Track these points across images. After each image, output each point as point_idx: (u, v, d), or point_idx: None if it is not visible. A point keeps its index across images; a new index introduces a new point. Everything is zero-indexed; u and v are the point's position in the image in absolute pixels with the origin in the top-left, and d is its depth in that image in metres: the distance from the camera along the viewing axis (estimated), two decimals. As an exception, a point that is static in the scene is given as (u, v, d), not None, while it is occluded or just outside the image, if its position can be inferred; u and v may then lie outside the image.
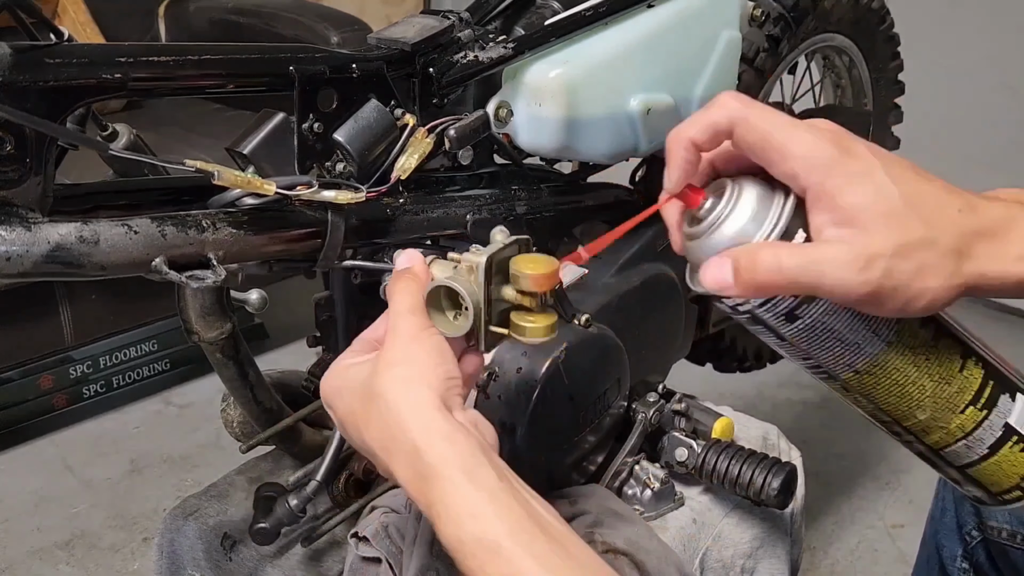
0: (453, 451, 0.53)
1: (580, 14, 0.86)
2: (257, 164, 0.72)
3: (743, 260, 0.52)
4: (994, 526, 0.93)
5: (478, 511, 0.52)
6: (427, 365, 0.56)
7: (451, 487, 0.52)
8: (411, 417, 0.54)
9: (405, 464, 0.55)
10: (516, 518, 0.52)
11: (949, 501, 0.98)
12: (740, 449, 0.92)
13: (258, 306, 0.76)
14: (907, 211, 0.51)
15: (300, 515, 0.80)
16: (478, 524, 0.51)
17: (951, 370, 0.57)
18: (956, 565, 0.98)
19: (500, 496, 0.52)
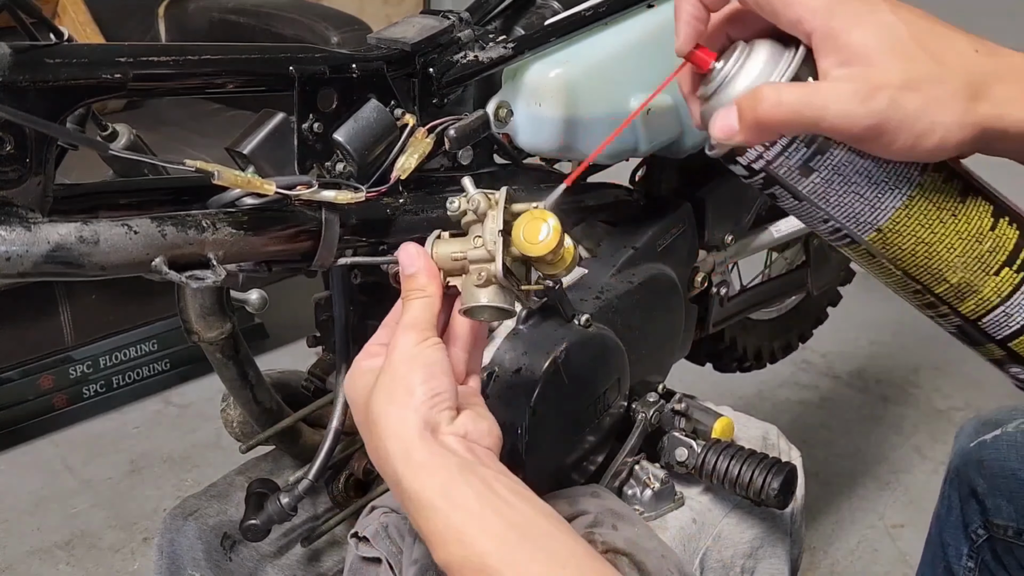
0: (430, 479, 0.55)
1: (580, 14, 0.86)
2: (257, 164, 0.72)
3: (745, 101, 0.51)
4: (1000, 524, 0.92)
5: (461, 533, 0.54)
6: (414, 385, 0.58)
7: (432, 513, 0.55)
8: (393, 446, 0.57)
9: (394, 490, 0.58)
10: (498, 532, 0.54)
11: (955, 500, 0.98)
12: (740, 449, 0.92)
13: (258, 306, 0.76)
14: (915, 46, 0.50)
15: (291, 513, 0.80)
16: (462, 546, 0.53)
17: (982, 228, 0.54)
18: (962, 564, 0.97)
19: (481, 513, 0.54)
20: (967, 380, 2.28)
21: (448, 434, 0.58)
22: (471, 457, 0.57)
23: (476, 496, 0.54)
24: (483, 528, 0.53)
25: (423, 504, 0.55)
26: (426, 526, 0.55)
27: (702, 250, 1.11)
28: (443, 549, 0.54)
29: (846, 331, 2.37)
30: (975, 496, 0.95)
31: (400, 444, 0.57)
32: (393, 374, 0.58)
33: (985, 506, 0.94)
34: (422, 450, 0.56)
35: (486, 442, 0.60)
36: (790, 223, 1.26)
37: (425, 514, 0.55)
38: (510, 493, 0.55)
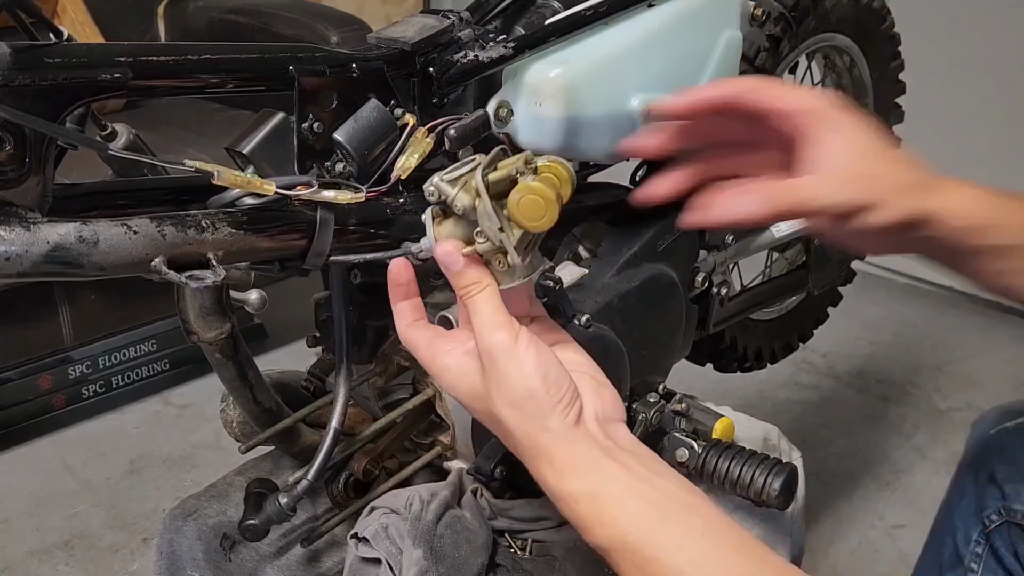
0: (575, 479, 0.60)
1: (580, 14, 0.86)
2: (257, 164, 0.72)
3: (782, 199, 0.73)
4: (1019, 509, 0.93)
5: (603, 517, 0.59)
6: (537, 393, 0.61)
7: (577, 505, 0.60)
8: (530, 451, 0.62)
9: (534, 476, 0.63)
10: (638, 512, 0.58)
11: (970, 485, 0.98)
12: (740, 450, 0.92)
13: (258, 306, 0.76)
14: (878, 152, 0.72)
15: (290, 513, 0.80)
16: (606, 528, 0.59)
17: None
18: (969, 548, 0.98)
19: (622, 498, 0.59)
20: (967, 380, 2.28)
21: (582, 426, 0.61)
22: (608, 443, 0.61)
23: (618, 483, 0.59)
24: (624, 511, 0.58)
25: (570, 498, 0.60)
26: (573, 515, 0.60)
27: (702, 250, 1.11)
28: (591, 532, 0.59)
29: (847, 331, 2.37)
30: (994, 482, 0.96)
31: (538, 450, 0.61)
32: (508, 382, 0.61)
33: (1004, 491, 0.94)
34: (560, 453, 0.60)
35: (616, 415, 0.64)
36: (792, 223, 1.25)
37: (570, 505, 0.60)
38: (648, 472, 0.60)
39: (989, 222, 0.71)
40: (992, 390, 2.23)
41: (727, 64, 0.97)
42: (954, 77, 2.48)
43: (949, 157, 2.74)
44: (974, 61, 2.47)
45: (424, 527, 0.76)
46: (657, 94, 0.91)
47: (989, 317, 2.59)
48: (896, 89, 1.49)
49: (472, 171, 0.63)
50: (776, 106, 0.72)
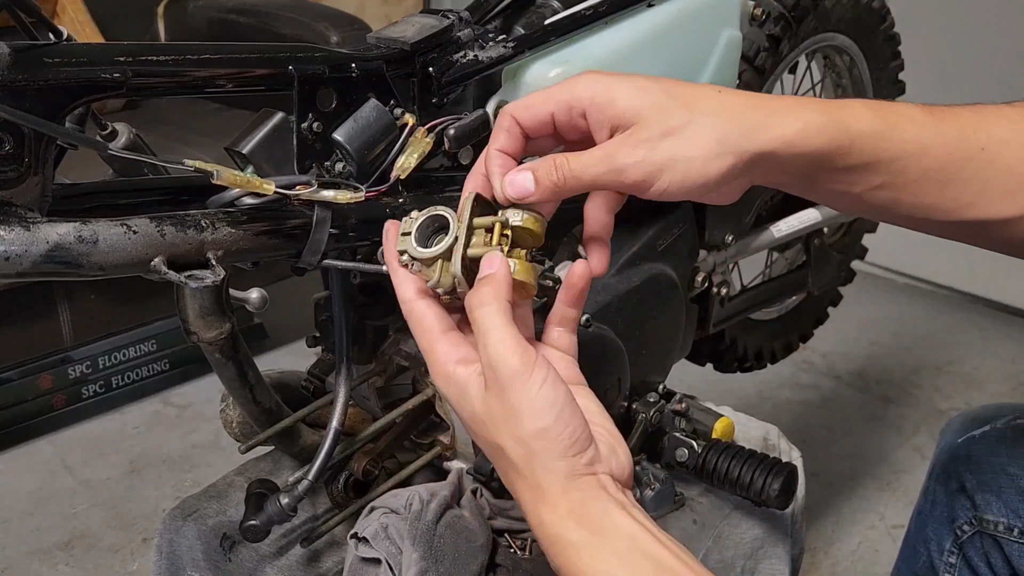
0: (578, 527, 0.54)
1: (580, 13, 0.86)
2: (256, 164, 0.72)
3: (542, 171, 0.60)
4: (991, 520, 0.93)
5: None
6: (549, 432, 0.55)
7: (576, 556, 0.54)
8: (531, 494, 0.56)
9: (529, 517, 0.58)
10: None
11: (941, 495, 0.98)
12: (740, 449, 0.92)
13: (258, 305, 0.76)
14: (674, 104, 0.59)
15: (291, 514, 0.80)
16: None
17: None
18: (943, 559, 0.98)
19: (630, 557, 0.53)
20: (967, 380, 2.28)
21: (594, 476, 0.56)
22: (620, 496, 0.56)
23: (626, 539, 0.54)
24: (633, 571, 0.53)
25: (569, 546, 0.54)
26: (565, 563, 0.55)
27: (703, 250, 1.11)
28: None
29: (847, 331, 2.37)
30: (964, 492, 0.95)
31: (540, 491, 0.56)
32: (519, 417, 0.55)
33: (975, 502, 0.94)
34: (566, 499, 0.55)
35: (626, 478, 0.59)
36: (791, 223, 1.26)
37: (570, 556, 0.54)
38: (660, 533, 0.55)
39: (836, 143, 0.60)
40: (992, 390, 2.23)
41: (727, 64, 0.97)
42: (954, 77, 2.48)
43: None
44: (974, 61, 2.47)
45: (424, 527, 0.76)
46: (657, 94, 0.91)
47: (989, 317, 2.59)
48: (895, 89, 1.49)
49: (450, 250, 0.60)
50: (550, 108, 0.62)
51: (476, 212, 0.61)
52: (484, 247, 0.60)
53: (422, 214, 0.62)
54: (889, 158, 0.61)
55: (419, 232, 0.61)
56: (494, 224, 0.61)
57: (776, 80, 1.26)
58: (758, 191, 1.18)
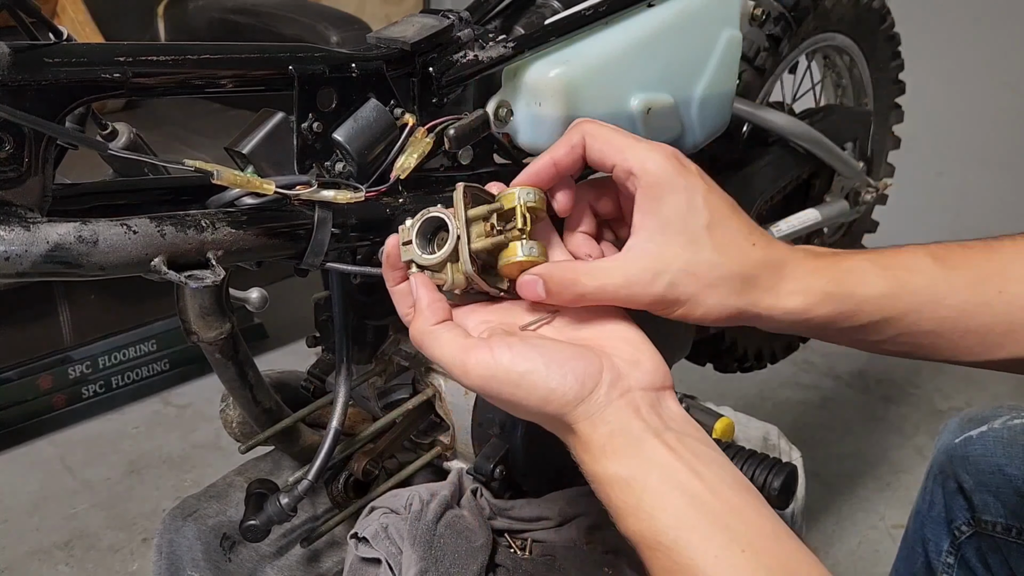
0: (611, 463, 0.55)
1: (580, 13, 0.86)
2: (256, 164, 0.72)
3: (553, 284, 0.60)
4: (989, 520, 0.93)
5: (639, 509, 0.53)
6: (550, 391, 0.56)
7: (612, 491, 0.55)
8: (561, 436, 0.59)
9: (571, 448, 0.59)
10: (677, 509, 0.53)
11: (938, 496, 0.98)
12: (740, 449, 0.92)
13: (258, 305, 0.76)
14: (707, 234, 0.60)
15: (291, 514, 0.80)
16: (639, 521, 0.53)
17: None
18: (941, 559, 0.98)
19: (662, 490, 0.53)
20: (968, 380, 2.28)
21: (620, 400, 0.56)
22: (654, 418, 0.56)
23: (659, 472, 0.53)
24: (663, 507, 0.53)
25: (604, 481, 0.55)
26: (606, 499, 0.55)
27: (702, 250, 1.11)
28: (622, 522, 0.55)
29: (846, 331, 2.37)
30: (962, 492, 0.95)
31: (575, 437, 0.56)
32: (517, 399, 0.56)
33: (972, 503, 0.94)
34: (596, 435, 0.55)
35: (658, 381, 0.58)
36: (791, 223, 1.26)
37: (604, 489, 0.55)
38: (695, 458, 0.54)
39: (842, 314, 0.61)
40: (992, 390, 2.23)
41: (727, 64, 0.97)
42: (954, 78, 2.48)
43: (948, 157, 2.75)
44: (974, 61, 2.47)
45: (424, 527, 0.76)
46: (657, 94, 0.91)
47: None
48: (896, 89, 1.49)
49: (456, 250, 0.60)
50: (616, 159, 0.63)
51: (469, 204, 0.61)
52: (486, 237, 0.60)
53: (416, 219, 0.62)
54: (899, 314, 0.62)
55: (419, 238, 0.61)
56: (490, 213, 0.61)
57: (776, 80, 1.26)
58: (758, 189, 1.18)
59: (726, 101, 0.99)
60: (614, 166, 0.62)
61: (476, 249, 0.60)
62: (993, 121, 2.48)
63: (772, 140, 1.20)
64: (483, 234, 0.60)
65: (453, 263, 0.60)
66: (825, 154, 1.24)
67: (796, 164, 1.23)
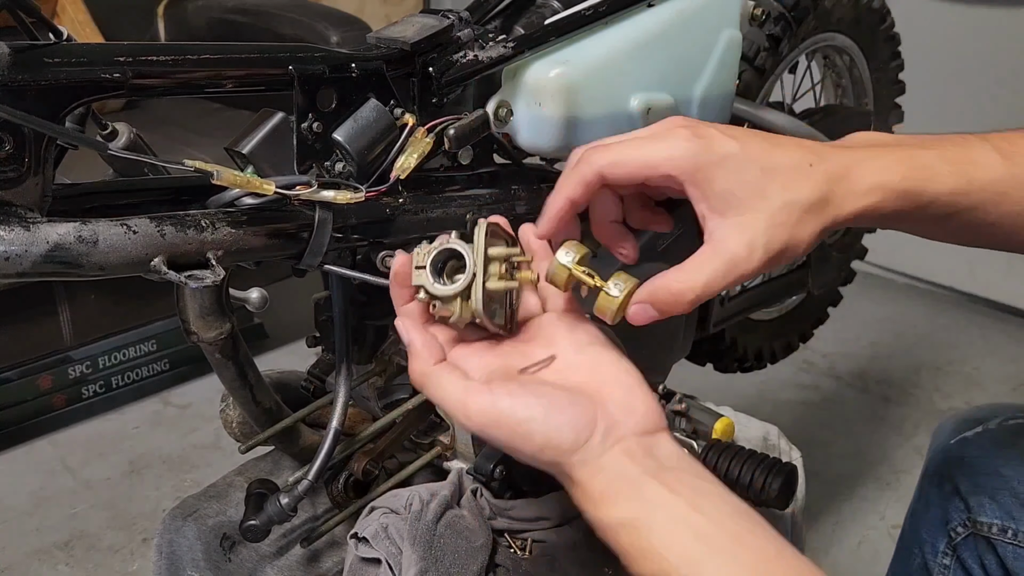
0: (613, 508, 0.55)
1: (580, 13, 0.86)
2: (256, 164, 0.72)
3: (661, 304, 0.64)
4: (984, 522, 0.93)
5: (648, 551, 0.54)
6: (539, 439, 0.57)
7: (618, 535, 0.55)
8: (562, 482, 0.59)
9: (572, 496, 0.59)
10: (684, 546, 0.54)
11: (934, 497, 0.98)
12: (740, 449, 0.92)
13: (258, 305, 0.76)
14: (767, 181, 0.60)
15: (291, 514, 0.80)
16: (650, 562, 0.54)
17: None
18: (937, 560, 0.98)
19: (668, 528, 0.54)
20: (967, 380, 2.28)
21: (615, 447, 0.56)
22: (649, 461, 0.56)
23: (662, 511, 0.54)
24: (669, 544, 0.54)
25: (609, 528, 0.56)
26: (616, 546, 0.56)
27: (702, 250, 1.11)
28: (634, 565, 0.55)
29: (847, 331, 2.37)
30: (958, 493, 0.95)
31: (574, 485, 0.57)
32: (515, 445, 0.57)
33: (968, 503, 0.94)
34: (594, 483, 0.56)
35: (652, 423, 0.58)
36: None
37: (612, 535, 0.56)
38: (695, 494, 0.55)
39: (921, 188, 0.62)
40: (992, 390, 2.23)
41: (727, 64, 0.97)
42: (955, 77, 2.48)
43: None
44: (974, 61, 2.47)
45: (424, 527, 0.76)
46: (657, 94, 0.91)
47: (989, 317, 2.59)
48: (896, 89, 1.49)
49: (469, 288, 0.59)
50: (646, 174, 0.63)
51: (489, 242, 0.60)
52: (499, 280, 0.60)
53: (434, 247, 0.60)
54: (966, 209, 0.64)
55: (432, 266, 0.60)
56: (509, 256, 0.61)
57: (776, 80, 1.26)
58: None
59: (726, 101, 0.99)
60: (646, 179, 0.63)
61: (490, 290, 0.59)
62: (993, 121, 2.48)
63: (772, 140, 1.19)
64: (497, 274, 0.60)
65: (464, 299, 0.59)
66: (825, 154, 1.24)
67: (796, 164, 1.23)
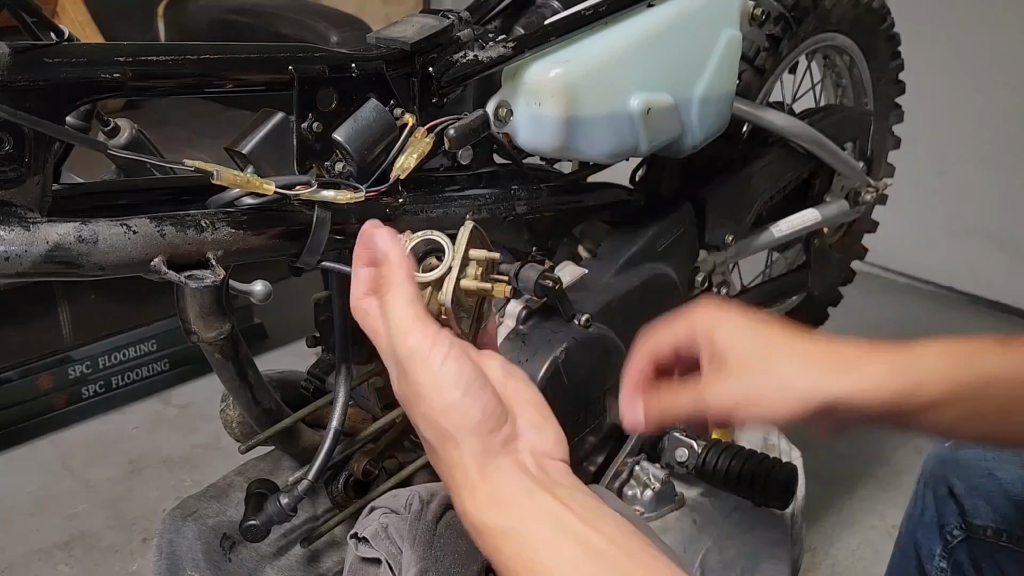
0: (499, 513, 0.52)
1: (580, 13, 0.86)
2: (256, 164, 0.72)
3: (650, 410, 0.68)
4: (979, 524, 0.93)
5: (534, 564, 0.50)
6: (457, 410, 0.54)
7: (503, 544, 0.52)
8: (452, 474, 0.54)
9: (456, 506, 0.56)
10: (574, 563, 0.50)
11: (930, 500, 0.98)
12: (740, 449, 0.92)
13: (262, 297, 0.76)
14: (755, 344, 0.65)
15: (291, 514, 0.80)
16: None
17: None
18: (934, 564, 0.98)
19: (556, 541, 0.50)
20: (967, 380, 2.27)
21: (512, 454, 0.54)
22: (543, 475, 0.54)
23: (551, 523, 0.51)
24: (560, 557, 0.50)
25: (493, 535, 0.52)
26: (498, 557, 0.52)
27: (703, 250, 1.11)
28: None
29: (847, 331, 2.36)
30: (953, 497, 0.95)
31: (456, 472, 0.54)
32: (423, 393, 0.54)
33: (963, 507, 0.94)
34: (484, 482, 0.53)
35: (557, 452, 0.56)
36: (791, 223, 1.26)
37: (494, 544, 0.52)
38: (586, 511, 0.52)
39: (906, 389, 0.62)
40: (992, 390, 2.23)
41: (726, 64, 0.97)
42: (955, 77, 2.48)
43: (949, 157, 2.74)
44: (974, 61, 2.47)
45: (424, 527, 0.76)
46: (657, 94, 0.91)
47: (989, 317, 2.59)
48: (896, 89, 1.49)
49: (442, 279, 0.59)
50: (681, 340, 0.69)
51: (474, 244, 0.60)
52: (475, 281, 0.59)
53: (417, 236, 0.61)
54: (963, 393, 0.63)
55: (411, 253, 0.61)
56: (488, 261, 0.60)
57: (776, 80, 1.26)
58: (758, 189, 1.18)
59: (726, 101, 0.99)
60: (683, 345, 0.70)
61: (463, 287, 0.59)
62: (993, 121, 2.48)
63: (772, 140, 1.20)
64: (473, 275, 0.60)
65: (435, 290, 0.59)
66: (825, 154, 1.24)
67: (796, 164, 1.23)
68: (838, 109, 1.41)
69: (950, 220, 2.62)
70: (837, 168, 1.29)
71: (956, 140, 2.51)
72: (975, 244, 2.61)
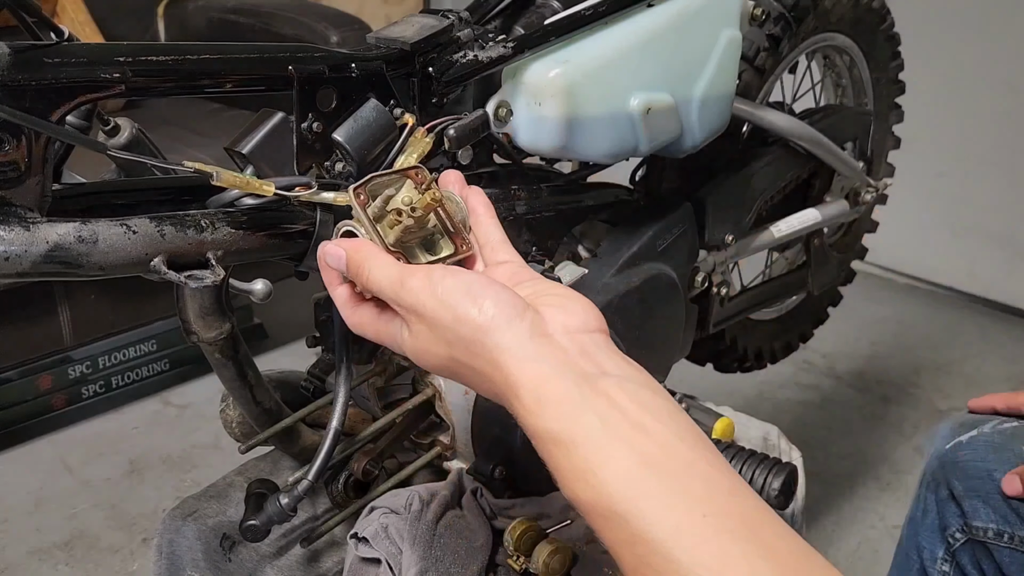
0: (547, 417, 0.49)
1: (580, 13, 0.86)
2: (256, 164, 0.72)
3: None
4: (979, 526, 0.92)
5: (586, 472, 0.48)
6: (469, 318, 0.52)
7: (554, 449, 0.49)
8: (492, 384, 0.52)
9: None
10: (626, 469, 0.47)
11: (931, 503, 0.98)
12: (740, 449, 0.92)
13: (262, 296, 0.76)
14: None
15: (291, 513, 0.80)
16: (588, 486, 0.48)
17: None
18: (936, 567, 0.97)
19: (607, 446, 0.48)
20: (967, 380, 2.28)
21: (546, 337, 0.51)
22: (586, 363, 0.51)
23: (601, 423, 0.48)
24: (609, 463, 0.47)
25: (544, 440, 0.49)
26: (551, 461, 0.49)
27: (702, 250, 1.11)
28: (569, 488, 0.49)
29: (847, 331, 2.37)
30: (954, 499, 0.95)
31: (498, 377, 0.51)
32: (434, 321, 0.53)
33: (963, 509, 0.94)
34: (525, 377, 0.50)
35: (591, 323, 0.53)
36: (791, 223, 1.26)
37: (548, 449, 0.49)
38: (640, 409, 0.48)
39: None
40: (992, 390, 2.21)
41: (727, 64, 0.97)
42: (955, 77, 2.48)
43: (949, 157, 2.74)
44: (974, 60, 2.47)
45: (424, 527, 0.76)
46: (657, 94, 0.91)
47: (989, 317, 2.59)
48: (896, 89, 1.49)
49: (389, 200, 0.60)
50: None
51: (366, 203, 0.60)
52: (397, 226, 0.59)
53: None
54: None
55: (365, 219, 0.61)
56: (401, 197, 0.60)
57: (776, 80, 1.26)
58: (758, 189, 1.18)
59: (726, 101, 0.99)
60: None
61: (391, 243, 0.59)
62: (993, 121, 2.48)
63: (772, 140, 1.20)
64: (392, 223, 0.59)
65: (394, 221, 0.60)
66: (825, 154, 1.24)
67: (796, 164, 1.23)
68: (838, 109, 1.41)
69: (950, 220, 2.62)
70: (837, 168, 1.29)
71: (956, 140, 2.51)
72: (975, 244, 2.61)
